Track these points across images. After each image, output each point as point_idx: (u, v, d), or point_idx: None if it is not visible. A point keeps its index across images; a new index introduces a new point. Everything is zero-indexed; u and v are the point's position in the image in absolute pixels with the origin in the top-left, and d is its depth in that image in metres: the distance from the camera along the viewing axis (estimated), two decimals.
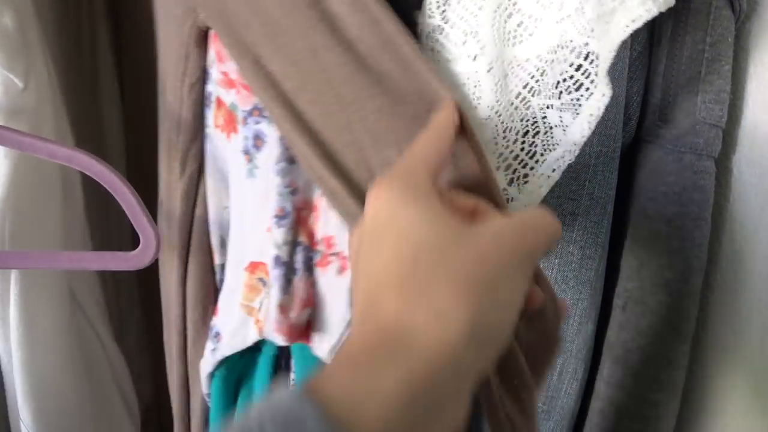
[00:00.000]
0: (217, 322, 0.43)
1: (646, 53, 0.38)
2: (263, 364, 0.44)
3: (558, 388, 0.42)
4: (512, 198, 0.34)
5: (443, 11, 0.34)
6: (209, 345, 0.43)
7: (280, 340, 0.38)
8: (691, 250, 0.37)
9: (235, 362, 0.44)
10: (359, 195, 0.31)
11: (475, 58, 0.33)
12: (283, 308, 0.37)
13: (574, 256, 0.39)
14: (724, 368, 0.38)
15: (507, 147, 0.33)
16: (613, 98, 0.36)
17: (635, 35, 0.36)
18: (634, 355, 0.39)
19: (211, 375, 0.44)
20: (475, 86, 0.33)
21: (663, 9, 0.28)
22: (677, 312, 0.38)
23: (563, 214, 0.38)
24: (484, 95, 0.33)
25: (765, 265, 0.35)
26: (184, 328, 0.45)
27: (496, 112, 0.33)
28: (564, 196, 0.38)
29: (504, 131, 0.33)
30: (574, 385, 0.42)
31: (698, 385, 0.40)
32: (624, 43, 0.36)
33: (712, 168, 0.36)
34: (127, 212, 0.38)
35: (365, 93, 0.30)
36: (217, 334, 0.43)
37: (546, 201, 0.38)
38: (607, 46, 0.30)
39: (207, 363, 0.43)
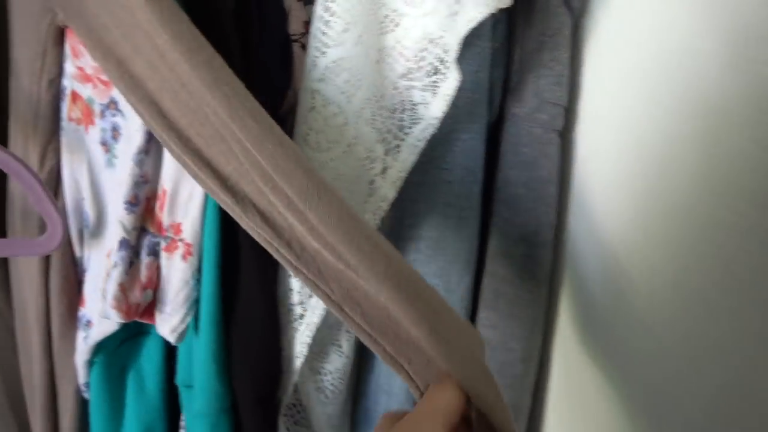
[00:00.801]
0: (86, 311, 0.46)
1: (506, 45, 0.45)
2: (152, 349, 0.48)
3: None
4: (389, 166, 0.41)
5: (328, 4, 0.39)
6: (80, 334, 0.46)
7: (117, 318, 0.41)
8: (542, 207, 0.45)
9: (115, 348, 0.46)
10: (231, 190, 0.32)
11: (355, 44, 0.39)
12: (123, 287, 0.40)
13: (452, 218, 0.46)
14: (573, 303, 0.46)
15: (383, 123, 0.40)
16: (479, 82, 0.44)
17: (495, 30, 0.44)
18: (501, 300, 0.47)
19: (90, 363, 0.46)
20: (359, 70, 0.40)
21: (493, 11, 0.35)
22: (534, 260, 0.46)
23: (442, 181, 0.45)
24: (364, 78, 0.39)
25: (603, 216, 0.43)
26: (48, 323, 0.46)
27: (374, 93, 0.39)
28: (441, 166, 0.45)
29: (380, 109, 0.40)
30: None
31: (553, 319, 0.48)
32: (485, 36, 0.43)
33: (556, 140, 0.44)
34: (31, 199, 0.39)
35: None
36: (88, 322, 0.45)
37: (426, 171, 0.45)
38: (455, 39, 0.36)
39: (81, 352, 0.46)
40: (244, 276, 0.43)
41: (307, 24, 0.41)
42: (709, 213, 0.31)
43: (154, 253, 0.42)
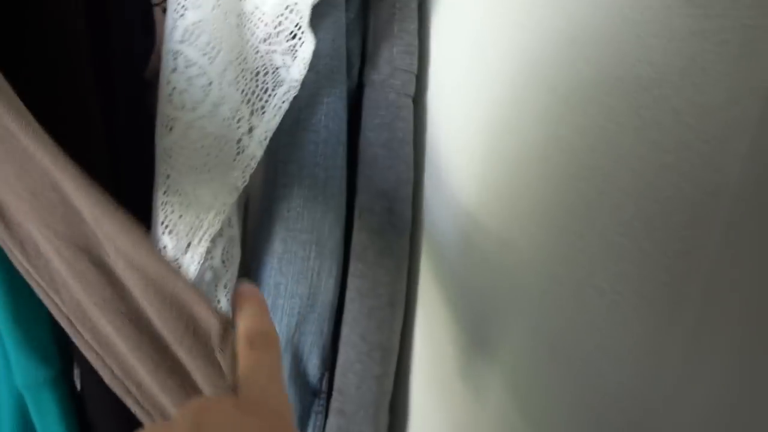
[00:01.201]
0: None
1: (361, 16, 0.49)
2: None
3: (318, 285, 0.53)
4: (255, 126, 0.43)
5: None
6: None
7: None
8: (400, 165, 0.50)
9: None
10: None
11: (213, 7, 0.41)
12: None
13: (319, 177, 0.50)
14: (431, 252, 0.52)
15: (247, 84, 0.43)
16: (337, 50, 0.48)
17: (349, 1, 0.48)
18: (369, 251, 0.51)
19: None
20: (219, 33, 0.42)
21: None
22: (394, 214, 0.51)
23: (309, 142, 0.49)
24: (224, 41, 0.41)
25: (452, 173, 0.49)
26: None
27: (236, 56, 0.42)
28: (308, 128, 0.48)
29: (243, 71, 0.42)
30: (330, 281, 0.53)
31: (416, 266, 0.53)
32: (340, 6, 0.47)
33: (409, 104, 0.49)
34: None
35: None
36: None
37: (294, 133, 0.48)
38: (306, 6, 0.40)
39: None
40: None
41: None
42: (541, 171, 0.38)
43: None
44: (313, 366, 0.56)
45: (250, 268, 0.53)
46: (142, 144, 0.45)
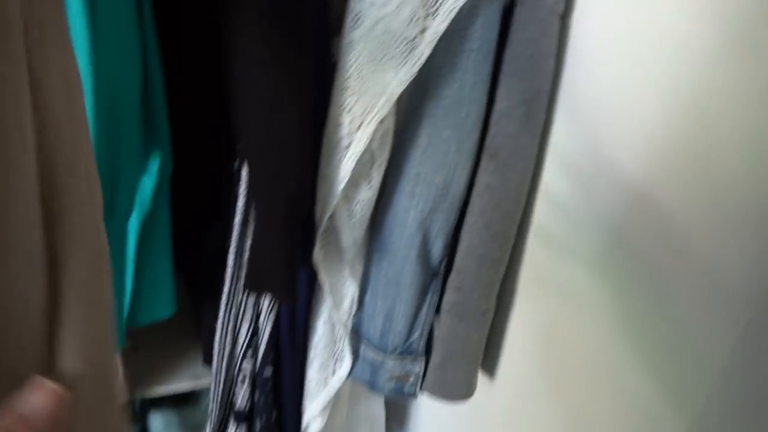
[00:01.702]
0: None
1: None
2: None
3: (452, 177, 0.61)
4: (427, 27, 0.51)
5: None
6: None
7: None
8: (541, 78, 0.56)
9: None
10: None
11: None
12: None
13: (467, 81, 0.57)
14: (558, 158, 0.58)
15: None
16: None
17: None
18: (502, 152, 0.59)
19: None
20: None
21: None
22: (530, 120, 0.57)
23: (463, 49, 0.56)
24: None
25: (589, 88, 0.55)
26: None
27: None
28: (464, 37, 0.56)
29: None
30: (464, 175, 0.61)
31: (540, 166, 0.60)
32: None
33: (557, 22, 0.55)
34: None
35: None
36: None
37: (452, 39, 0.56)
38: None
39: None
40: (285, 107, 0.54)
41: None
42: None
43: None
44: (437, 249, 0.65)
45: (394, 158, 0.62)
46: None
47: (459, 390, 0.68)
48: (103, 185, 0.52)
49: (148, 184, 0.59)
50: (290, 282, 0.57)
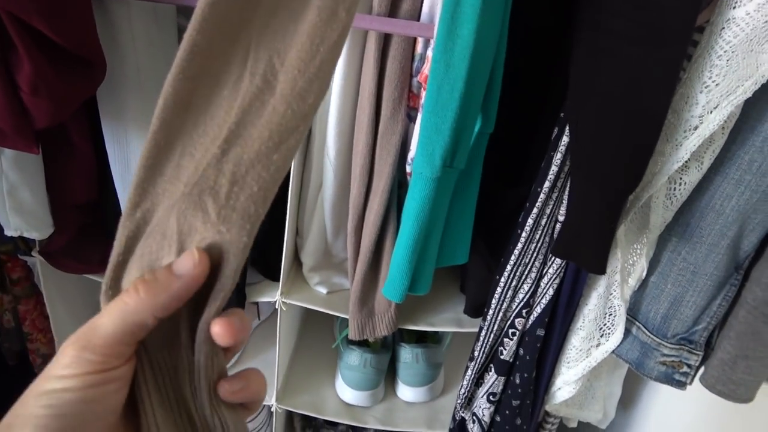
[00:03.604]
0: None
1: None
2: None
3: None
4: None
5: None
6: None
7: None
8: None
9: None
10: None
11: None
12: None
13: None
14: None
15: None
16: None
17: None
18: None
19: None
20: None
21: None
22: None
23: None
24: None
25: None
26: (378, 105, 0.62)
27: None
28: None
29: None
30: None
31: None
32: None
33: None
34: None
35: None
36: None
37: None
38: None
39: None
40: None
41: None
42: None
43: None
44: (749, 242, 0.62)
45: (727, 142, 0.59)
46: None
47: (744, 392, 0.65)
48: (452, 140, 0.58)
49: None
50: (605, 253, 0.59)
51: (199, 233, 0.28)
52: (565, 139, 0.61)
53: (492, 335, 0.76)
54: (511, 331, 0.74)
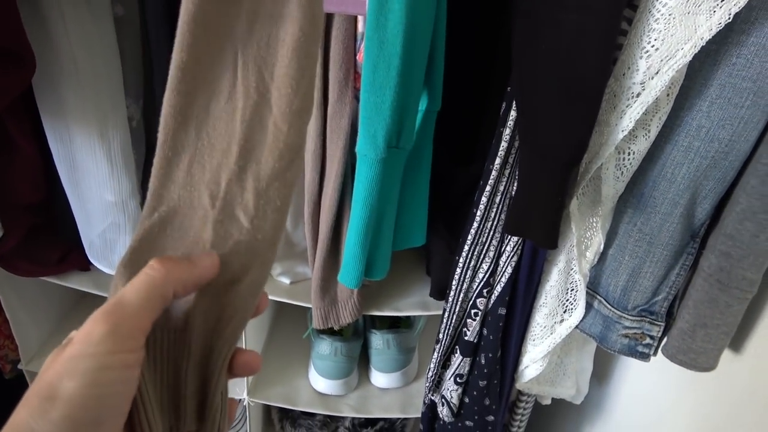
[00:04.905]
0: None
1: None
2: None
3: (740, 134, 0.55)
4: None
5: None
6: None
7: None
8: None
9: None
10: None
11: None
12: None
13: None
14: None
15: None
16: None
17: None
18: None
19: None
20: None
21: None
22: None
23: None
24: None
25: None
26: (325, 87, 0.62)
27: None
28: None
29: None
30: (754, 134, 0.55)
31: None
32: None
33: None
34: None
35: None
36: None
37: None
38: None
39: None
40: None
41: None
42: None
43: None
44: (703, 210, 0.61)
45: (673, 109, 0.58)
46: None
47: (705, 360, 0.65)
48: (395, 120, 0.57)
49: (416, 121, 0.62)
50: (555, 228, 0.58)
51: (233, 239, 0.32)
52: (513, 113, 0.60)
53: (455, 316, 0.75)
54: (473, 311, 0.74)
